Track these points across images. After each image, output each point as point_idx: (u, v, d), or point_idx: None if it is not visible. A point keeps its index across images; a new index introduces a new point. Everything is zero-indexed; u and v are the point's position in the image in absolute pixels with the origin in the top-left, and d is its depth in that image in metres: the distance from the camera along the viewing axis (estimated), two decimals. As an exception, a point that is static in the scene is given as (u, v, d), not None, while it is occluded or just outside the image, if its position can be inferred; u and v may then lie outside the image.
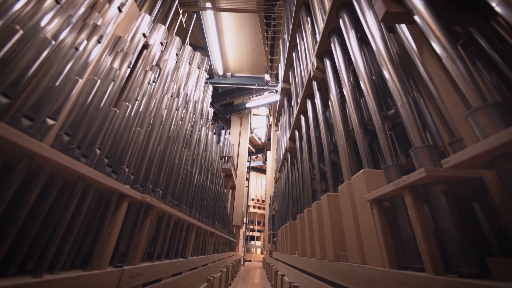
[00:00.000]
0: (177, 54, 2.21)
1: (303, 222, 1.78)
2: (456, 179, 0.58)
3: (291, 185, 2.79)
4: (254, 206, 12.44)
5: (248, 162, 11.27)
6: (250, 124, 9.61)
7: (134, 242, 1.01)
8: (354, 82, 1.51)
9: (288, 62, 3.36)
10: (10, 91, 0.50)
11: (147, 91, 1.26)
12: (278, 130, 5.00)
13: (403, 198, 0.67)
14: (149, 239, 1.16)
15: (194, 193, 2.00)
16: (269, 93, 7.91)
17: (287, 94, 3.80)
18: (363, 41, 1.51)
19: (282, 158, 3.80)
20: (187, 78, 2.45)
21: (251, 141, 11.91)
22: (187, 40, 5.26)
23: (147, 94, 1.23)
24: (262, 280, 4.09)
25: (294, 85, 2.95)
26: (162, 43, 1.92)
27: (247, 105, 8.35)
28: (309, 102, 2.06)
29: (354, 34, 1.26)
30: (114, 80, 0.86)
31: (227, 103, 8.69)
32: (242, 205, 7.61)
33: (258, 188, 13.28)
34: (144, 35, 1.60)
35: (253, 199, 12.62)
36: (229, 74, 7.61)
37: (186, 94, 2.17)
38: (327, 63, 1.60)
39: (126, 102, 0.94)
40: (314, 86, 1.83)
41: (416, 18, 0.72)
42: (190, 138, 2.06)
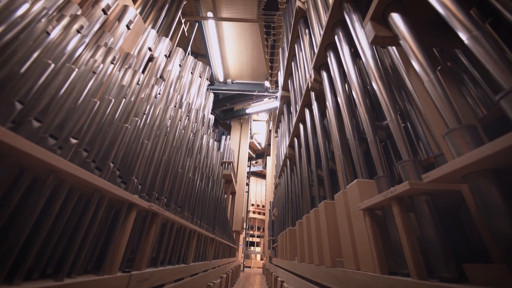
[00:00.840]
0: (180, 65, 2.30)
1: (302, 228, 1.82)
2: (437, 191, 0.64)
3: (291, 191, 2.84)
4: (254, 212, 12.40)
5: (248, 167, 11.29)
6: (250, 129, 9.69)
7: (141, 248, 1.06)
8: (349, 94, 1.58)
9: (287, 71, 3.45)
10: (41, 116, 0.56)
11: (153, 104, 1.34)
12: (277, 137, 5.06)
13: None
14: (153, 245, 1.21)
15: (195, 200, 2.05)
16: (269, 99, 8.02)
17: (287, 101, 3.89)
18: (357, 54, 1.59)
19: (281, 164, 3.85)
20: (189, 87, 2.53)
21: (251, 146, 11.97)
22: (189, 48, 5.39)
23: (153, 107, 1.31)
24: (261, 286, 4.08)
25: (293, 93, 3.04)
26: (166, 55, 2.01)
27: (247, 111, 8.46)
28: (307, 111, 2.13)
29: (348, 50, 1.33)
30: (125, 97, 0.94)
31: (228, 109, 8.80)
32: (242, 210, 7.62)
33: (258, 193, 13.26)
34: (149, 49, 1.69)
35: (253, 204, 12.59)
36: (229, 80, 7.73)
37: (189, 103, 2.24)
38: (324, 75, 1.67)
39: (136, 118, 1.01)
40: (312, 96, 1.90)
41: (401, 42, 0.79)
42: (192, 147, 2.13)
